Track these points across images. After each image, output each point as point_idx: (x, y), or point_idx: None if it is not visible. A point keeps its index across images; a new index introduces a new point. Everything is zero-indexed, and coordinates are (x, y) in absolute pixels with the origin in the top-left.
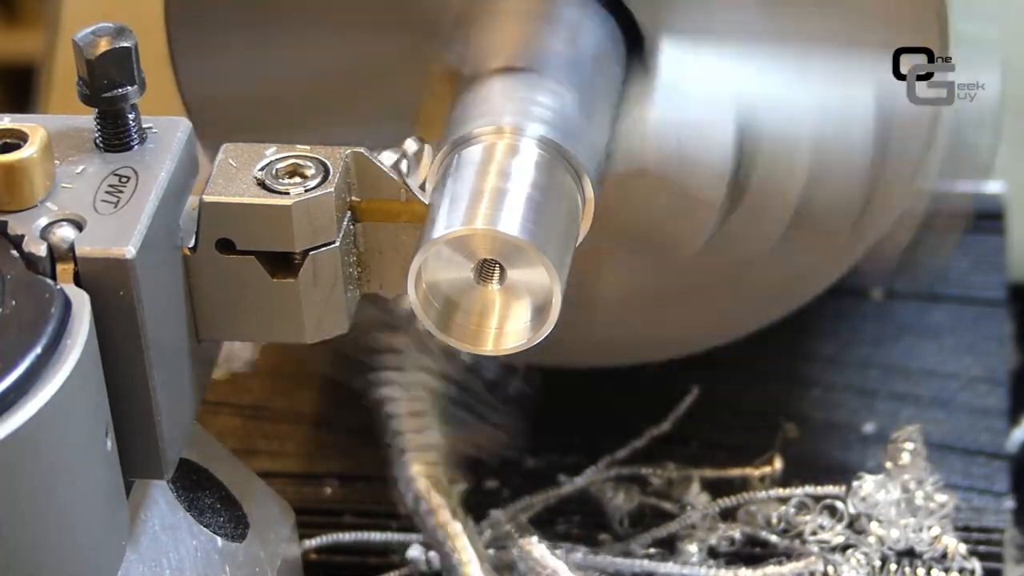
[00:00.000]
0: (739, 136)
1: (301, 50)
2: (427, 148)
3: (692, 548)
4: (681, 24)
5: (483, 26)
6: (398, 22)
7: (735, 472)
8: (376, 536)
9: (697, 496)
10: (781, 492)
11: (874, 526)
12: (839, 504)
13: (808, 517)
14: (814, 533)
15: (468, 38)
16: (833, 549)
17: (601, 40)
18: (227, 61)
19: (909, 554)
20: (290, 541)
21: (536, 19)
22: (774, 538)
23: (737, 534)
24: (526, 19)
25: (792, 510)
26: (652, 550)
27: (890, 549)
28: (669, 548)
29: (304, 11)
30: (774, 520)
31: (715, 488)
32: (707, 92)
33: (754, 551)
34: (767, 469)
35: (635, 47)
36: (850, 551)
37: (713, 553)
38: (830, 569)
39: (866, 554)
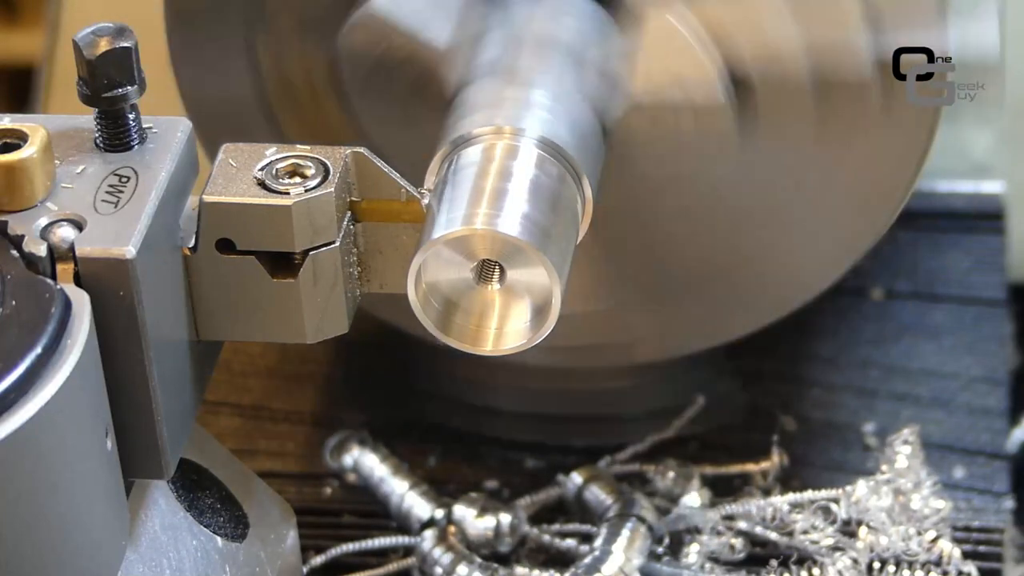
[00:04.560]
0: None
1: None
2: None
3: (693, 550)
4: None
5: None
6: None
7: (735, 468)
8: (377, 542)
9: (698, 492)
10: (781, 498)
11: (863, 531)
12: (833, 506)
13: (801, 516)
14: (805, 532)
15: (467, 38)
16: (823, 550)
17: (598, 37)
18: (227, 61)
19: (904, 557)
20: (290, 541)
21: (534, 20)
22: (773, 535)
23: (738, 543)
24: (525, 20)
25: (786, 507)
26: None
27: (879, 556)
28: (670, 549)
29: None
30: (768, 515)
31: (715, 485)
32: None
33: (754, 551)
34: (766, 464)
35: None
36: (838, 554)
37: (714, 557)
38: (816, 571)
39: (854, 559)
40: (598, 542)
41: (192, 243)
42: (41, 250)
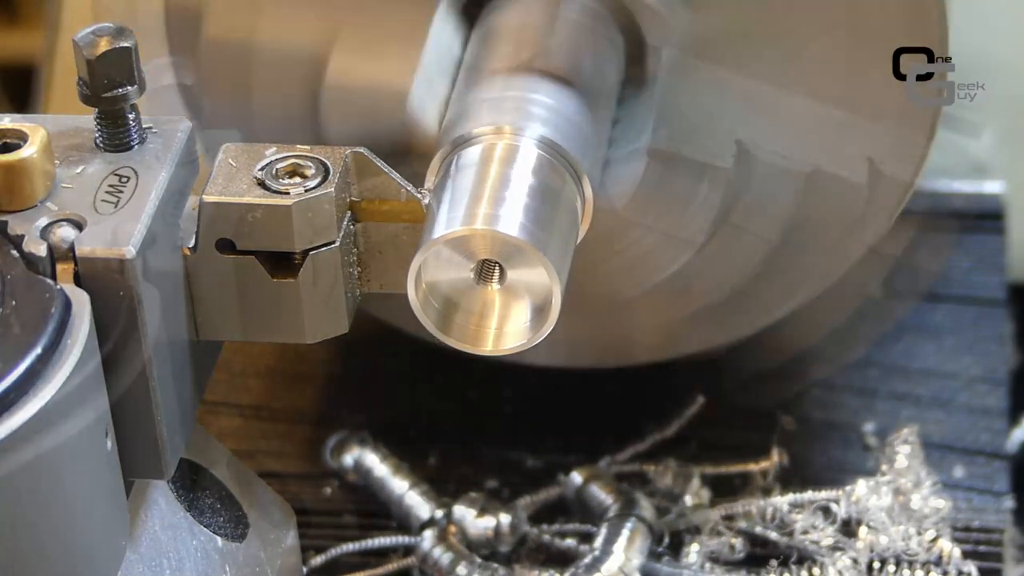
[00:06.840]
0: (734, 168)
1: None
2: None
3: (693, 550)
4: (685, 41)
5: (484, 27)
6: None
7: (735, 468)
8: (377, 542)
9: (698, 492)
10: (781, 498)
11: (864, 531)
12: (833, 506)
13: (801, 516)
14: (805, 532)
15: (469, 39)
16: (823, 550)
17: (601, 43)
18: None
19: (903, 557)
20: (290, 541)
21: (538, 21)
22: (773, 535)
23: (738, 543)
24: (528, 20)
25: (786, 506)
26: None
27: (879, 556)
28: (670, 549)
29: None
30: (768, 515)
31: (715, 484)
32: (706, 116)
33: (754, 550)
34: (766, 464)
35: (637, 59)
36: (838, 554)
37: (714, 557)
38: (816, 571)
39: (854, 559)
40: (598, 542)
41: (192, 243)
42: (41, 250)
